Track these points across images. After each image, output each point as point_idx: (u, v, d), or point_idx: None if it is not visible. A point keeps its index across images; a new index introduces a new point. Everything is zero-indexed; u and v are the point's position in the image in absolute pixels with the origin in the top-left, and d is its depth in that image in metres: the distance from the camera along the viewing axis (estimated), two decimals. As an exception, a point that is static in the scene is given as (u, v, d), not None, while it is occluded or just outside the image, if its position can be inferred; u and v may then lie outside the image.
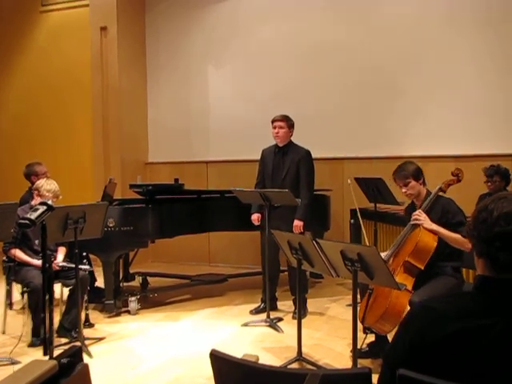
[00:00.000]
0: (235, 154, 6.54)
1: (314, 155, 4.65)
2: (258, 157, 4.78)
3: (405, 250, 3.18)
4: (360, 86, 6.01)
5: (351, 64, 6.03)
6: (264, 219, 4.41)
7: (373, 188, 4.62)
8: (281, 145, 4.60)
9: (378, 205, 4.78)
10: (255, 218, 4.62)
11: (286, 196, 4.10)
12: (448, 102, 5.65)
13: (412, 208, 3.43)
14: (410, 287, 3.04)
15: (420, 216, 3.18)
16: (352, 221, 5.23)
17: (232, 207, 4.91)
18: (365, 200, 4.85)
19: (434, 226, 3.12)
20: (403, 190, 3.33)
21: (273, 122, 4.60)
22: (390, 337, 3.09)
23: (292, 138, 4.63)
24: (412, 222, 3.22)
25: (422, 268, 3.10)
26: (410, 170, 3.30)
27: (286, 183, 4.45)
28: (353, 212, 5.15)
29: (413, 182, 3.28)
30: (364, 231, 4.81)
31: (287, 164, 4.54)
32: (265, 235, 4.28)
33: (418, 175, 3.31)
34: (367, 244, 4.71)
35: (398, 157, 5.34)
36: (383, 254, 3.16)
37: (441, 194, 3.30)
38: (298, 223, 4.41)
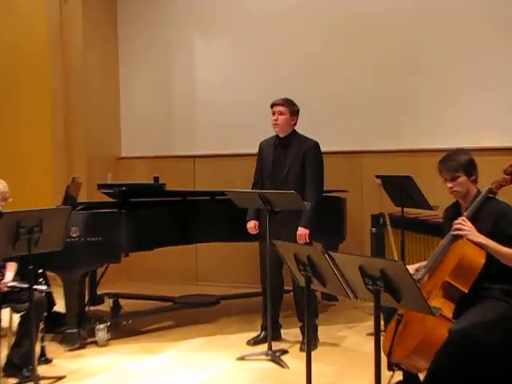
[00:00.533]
0: (229, 147, 6.55)
1: (326, 148, 4.65)
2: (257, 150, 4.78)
3: (444, 268, 3.12)
4: (383, 63, 5.98)
5: (372, 38, 5.99)
6: (263, 227, 4.40)
7: (399, 188, 4.60)
8: (281, 135, 4.59)
9: (405, 209, 4.75)
10: (252, 225, 4.63)
11: (293, 199, 4.09)
12: (495, 81, 5.56)
13: (455, 210, 3.36)
14: (450, 314, 2.99)
15: (464, 225, 3.12)
16: (374, 229, 5.25)
17: (225, 212, 4.96)
18: (389, 203, 4.83)
19: (482, 239, 3.06)
20: (449, 185, 3.26)
21: (272, 106, 4.60)
22: (421, 375, 3.04)
23: (298, 128, 4.62)
24: (454, 233, 3.16)
25: (466, 291, 3.03)
26: (461, 160, 3.24)
27: (289, 183, 4.45)
28: (374, 218, 5.13)
29: (463, 177, 3.22)
30: (392, 241, 4.78)
31: (290, 159, 4.53)
32: (265, 247, 4.26)
33: (470, 169, 3.24)
34: (393, 258, 4.67)
35: (429, 149, 5.34)
36: (411, 269, 3.13)
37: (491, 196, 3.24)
38: (302, 231, 4.39)
